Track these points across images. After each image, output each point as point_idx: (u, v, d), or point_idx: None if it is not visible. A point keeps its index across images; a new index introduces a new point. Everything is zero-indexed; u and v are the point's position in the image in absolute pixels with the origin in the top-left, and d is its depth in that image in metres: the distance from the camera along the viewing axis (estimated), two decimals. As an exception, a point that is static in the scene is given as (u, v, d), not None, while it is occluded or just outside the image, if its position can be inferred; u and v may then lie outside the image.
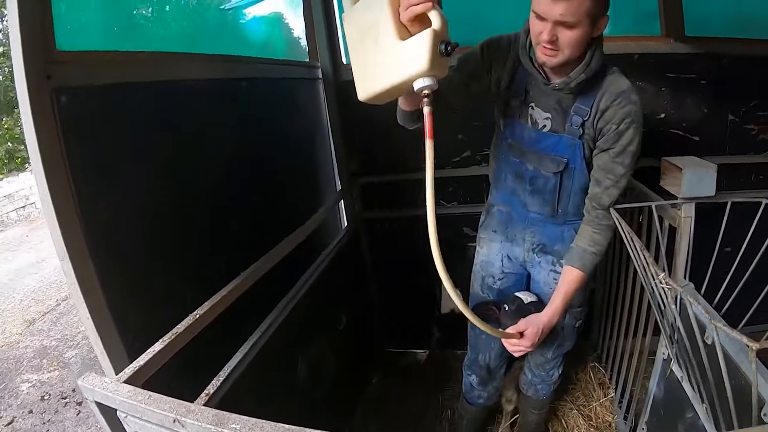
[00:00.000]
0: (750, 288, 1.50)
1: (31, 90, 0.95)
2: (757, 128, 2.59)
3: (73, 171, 1.05)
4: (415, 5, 1.04)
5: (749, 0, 2.72)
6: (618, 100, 1.43)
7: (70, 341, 4.32)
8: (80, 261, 1.05)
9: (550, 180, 1.63)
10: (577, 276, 1.58)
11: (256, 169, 1.94)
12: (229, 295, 1.47)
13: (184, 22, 3.34)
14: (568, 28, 1.27)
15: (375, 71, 1.17)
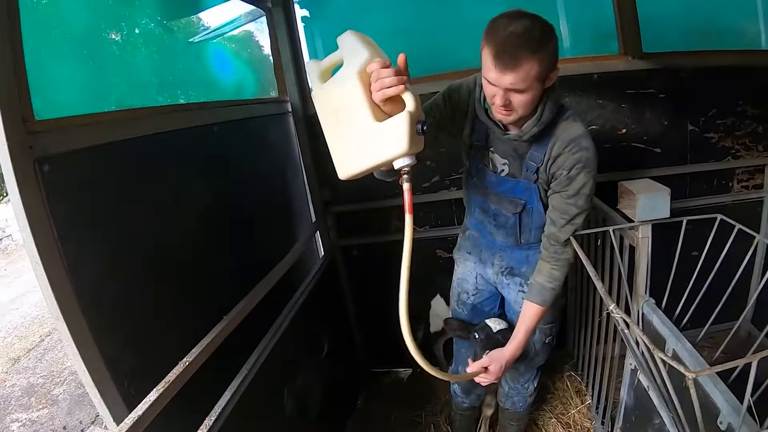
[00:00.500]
0: (713, 291, 1.68)
1: (15, 162, 1.01)
2: (717, 136, 2.73)
3: (60, 233, 1.11)
4: (388, 88, 1.13)
5: (702, 13, 2.87)
6: (569, 146, 1.52)
7: (56, 378, 4.33)
8: (73, 319, 1.11)
9: (510, 218, 1.76)
10: (538, 311, 1.69)
11: (233, 210, 2.02)
12: (215, 339, 1.55)
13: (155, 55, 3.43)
14: (519, 93, 1.36)
15: (354, 152, 1.25)
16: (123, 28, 3.89)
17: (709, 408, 1.31)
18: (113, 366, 1.21)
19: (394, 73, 1.14)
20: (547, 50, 1.31)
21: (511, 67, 1.28)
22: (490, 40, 1.31)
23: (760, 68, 2.65)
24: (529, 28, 1.27)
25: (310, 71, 1.34)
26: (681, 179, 2.79)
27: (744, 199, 2.87)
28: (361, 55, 1.19)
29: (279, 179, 2.59)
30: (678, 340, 1.55)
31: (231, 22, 3.61)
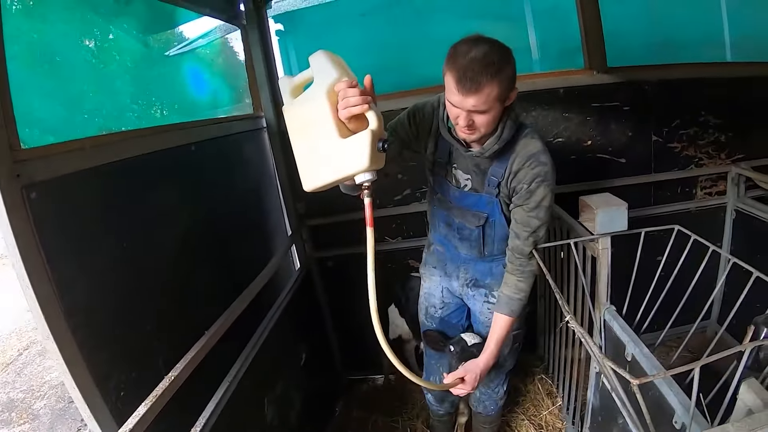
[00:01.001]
0: (678, 295, 1.80)
1: (4, 190, 1.06)
2: (680, 146, 2.88)
3: (48, 257, 1.16)
4: (353, 107, 1.23)
5: (665, 27, 3.03)
6: (529, 162, 1.63)
7: (36, 392, 4.34)
8: (63, 339, 1.17)
9: (473, 231, 1.87)
10: (508, 321, 1.80)
11: (213, 227, 2.10)
12: (199, 353, 1.64)
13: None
14: (481, 113, 1.47)
15: (319, 165, 1.33)
16: (96, 36, 3.94)
17: (666, 408, 1.43)
18: (102, 383, 1.28)
19: (360, 93, 1.24)
20: (505, 73, 1.41)
21: (473, 91, 1.39)
22: (452, 65, 1.42)
23: (721, 80, 2.81)
24: (488, 53, 1.38)
25: (282, 87, 1.41)
26: (646, 188, 2.94)
27: (707, 206, 3.03)
28: (330, 75, 1.28)
29: (255, 194, 2.67)
30: (636, 345, 1.67)
31: (207, 34, 3.70)
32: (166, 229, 1.77)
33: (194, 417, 1.61)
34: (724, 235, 3.08)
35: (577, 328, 1.49)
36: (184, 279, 1.83)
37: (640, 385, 1.14)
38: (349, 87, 1.24)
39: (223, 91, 4.89)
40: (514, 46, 2.57)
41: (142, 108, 4.71)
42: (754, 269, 1.58)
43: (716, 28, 3.18)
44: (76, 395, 1.21)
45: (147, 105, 4.78)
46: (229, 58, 4.67)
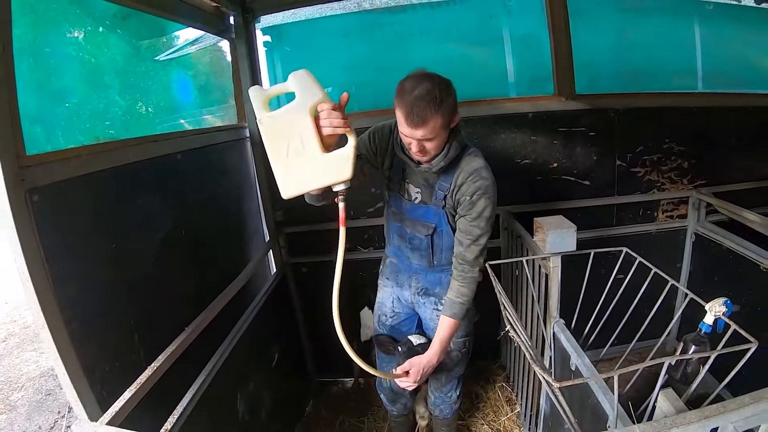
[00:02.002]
0: (617, 314, 2.04)
1: (9, 194, 1.17)
2: (643, 171, 3.11)
3: (46, 255, 1.28)
4: (337, 127, 1.45)
5: (636, 58, 3.28)
6: (471, 176, 1.87)
7: (14, 383, 4.46)
8: (57, 330, 1.29)
9: (423, 240, 2.09)
10: (450, 323, 2.00)
11: (195, 231, 2.26)
12: (179, 347, 1.82)
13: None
14: (429, 141, 1.72)
15: (300, 174, 1.52)
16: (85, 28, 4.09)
17: (601, 414, 1.64)
18: (89, 371, 1.41)
19: (342, 115, 1.47)
20: (447, 105, 1.66)
21: (421, 125, 1.64)
22: (400, 102, 1.66)
23: (685, 109, 3.06)
24: (430, 90, 1.61)
25: (253, 96, 1.53)
26: (609, 209, 3.17)
27: (668, 228, 3.26)
28: (314, 95, 1.46)
29: (236, 200, 2.84)
30: (579, 357, 1.89)
31: (197, 40, 3.93)
32: (152, 231, 1.93)
33: (173, 405, 1.78)
34: (684, 257, 3.31)
35: (516, 336, 1.72)
36: (166, 279, 1.99)
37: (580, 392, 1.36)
38: (333, 109, 1.46)
39: (208, 93, 5.10)
40: (492, 69, 2.85)
41: (128, 103, 4.89)
42: (688, 291, 1.79)
43: (690, 61, 3.42)
44: (66, 381, 1.33)
45: (132, 101, 4.97)
46: (216, 63, 4.88)
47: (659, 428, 1.13)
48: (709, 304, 1.66)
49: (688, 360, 1.71)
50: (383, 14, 3.05)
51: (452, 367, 2.35)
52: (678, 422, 1.13)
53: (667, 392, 1.43)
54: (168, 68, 4.23)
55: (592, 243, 2.22)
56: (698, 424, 1.12)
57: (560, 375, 2.12)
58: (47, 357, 4.68)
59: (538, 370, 1.43)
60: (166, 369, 1.74)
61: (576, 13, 2.83)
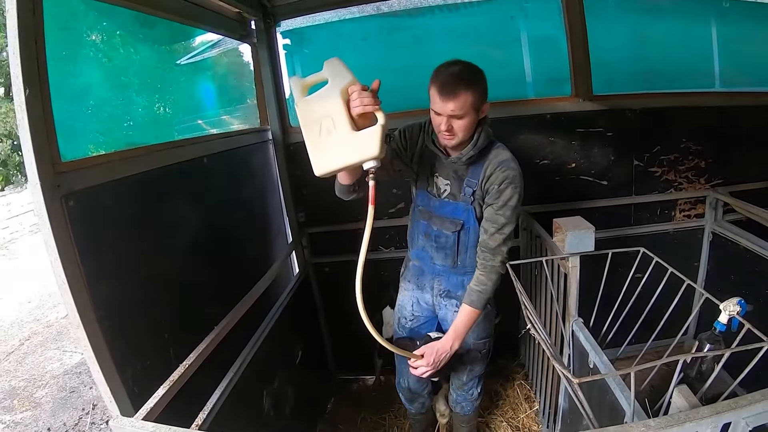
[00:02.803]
0: (633, 312, 2.10)
1: (46, 200, 1.22)
2: (661, 170, 3.17)
3: (81, 257, 1.34)
4: (367, 105, 1.52)
5: (653, 58, 3.33)
6: (500, 167, 1.97)
7: (38, 381, 4.57)
8: (92, 330, 1.35)
9: (450, 237, 2.17)
10: (467, 311, 2.07)
11: (221, 233, 2.35)
12: (209, 346, 1.90)
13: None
14: (458, 118, 1.83)
15: (332, 153, 1.60)
16: (104, 29, 4.19)
17: (619, 410, 1.71)
18: (121, 369, 1.47)
19: (373, 95, 1.55)
20: (478, 85, 1.81)
21: (452, 98, 1.78)
22: (434, 80, 1.83)
23: (702, 108, 3.11)
24: (462, 70, 1.80)
25: (293, 85, 1.67)
26: (626, 209, 3.24)
27: (686, 227, 3.32)
28: (345, 78, 1.57)
29: (260, 202, 2.93)
30: (597, 355, 1.96)
31: (216, 44, 4.03)
32: (180, 233, 2.02)
33: (203, 401, 1.88)
34: (701, 256, 3.36)
35: (537, 335, 1.78)
36: (194, 279, 2.08)
37: (598, 389, 1.42)
38: (362, 89, 1.55)
39: (225, 94, 5.21)
40: (509, 71, 2.91)
41: (146, 103, 5.02)
42: (704, 291, 1.83)
43: (706, 59, 3.47)
44: (99, 378, 1.39)
45: (151, 102, 5.09)
46: (233, 65, 4.98)
47: (673, 422, 1.18)
48: (723, 304, 1.70)
49: (703, 358, 1.78)
50: (402, 18, 3.11)
51: (472, 367, 2.44)
52: (691, 417, 1.18)
53: (681, 388, 1.46)
54: (188, 72, 4.34)
55: (610, 242, 2.29)
56: (710, 419, 1.17)
57: (579, 372, 2.18)
58: (71, 355, 4.84)
59: (558, 367, 1.51)
60: (197, 367, 1.82)
61: (592, 14, 2.88)
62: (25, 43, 1.20)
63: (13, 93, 1.24)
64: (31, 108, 1.21)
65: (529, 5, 3.12)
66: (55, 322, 5.75)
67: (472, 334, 2.29)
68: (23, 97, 1.19)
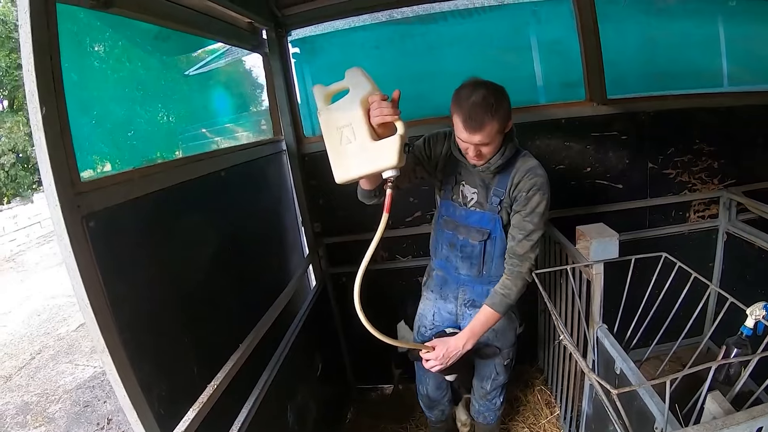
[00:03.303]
0: (667, 314, 2.07)
1: (67, 221, 1.17)
2: (674, 172, 3.16)
3: (104, 278, 1.29)
4: (386, 116, 1.54)
5: (663, 59, 3.30)
6: (528, 174, 1.96)
7: (51, 396, 4.54)
8: (116, 351, 1.29)
9: (476, 247, 2.16)
10: (487, 311, 2.05)
11: (240, 247, 2.33)
12: (235, 364, 1.89)
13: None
14: (486, 145, 1.82)
15: (352, 161, 1.64)
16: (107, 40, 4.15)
17: (648, 416, 1.69)
18: (147, 391, 1.41)
19: (392, 105, 1.57)
20: (502, 110, 1.77)
21: (478, 130, 1.75)
22: (457, 109, 1.78)
23: (714, 109, 3.09)
24: (486, 96, 1.73)
25: (316, 94, 1.70)
26: (641, 212, 3.22)
27: (700, 228, 3.30)
28: (365, 88, 1.59)
29: (276, 214, 2.91)
30: (624, 361, 1.94)
31: (223, 54, 3.98)
32: (201, 249, 1.99)
33: (231, 420, 1.87)
34: (715, 256, 3.34)
35: (570, 346, 1.76)
36: (216, 295, 2.05)
37: (625, 394, 1.41)
38: (382, 99, 1.56)
39: (231, 103, 5.16)
40: (521, 76, 2.88)
41: (149, 113, 4.97)
42: (729, 295, 1.81)
43: (714, 59, 3.43)
44: (126, 402, 1.34)
45: (154, 111, 5.04)
46: (239, 75, 4.94)
47: (711, 429, 1.21)
48: (749, 309, 1.71)
49: (730, 363, 1.76)
50: (414, 25, 3.10)
51: (496, 377, 2.42)
52: (728, 423, 1.22)
53: (714, 395, 1.47)
54: (195, 82, 4.29)
55: (626, 245, 2.27)
56: (746, 425, 1.20)
57: (604, 379, 2.13)
58: (83, 368, 4.78)
59: (594, 380, 1.50)
60: (225, 387, 1.79)
61: (603, 18, 2.87)
62: (40, 59, 1.14)
63: (28, 111, 1.17)
64: (48, 127, 1.16)
65: (541, 10, 3.08)
66: (66, 335, 5.72)
67: (499, 343, 2.30)
68: (40, 116, 1.13)
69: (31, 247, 10.77)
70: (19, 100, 10.42)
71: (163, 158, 4.99)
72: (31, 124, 1.16)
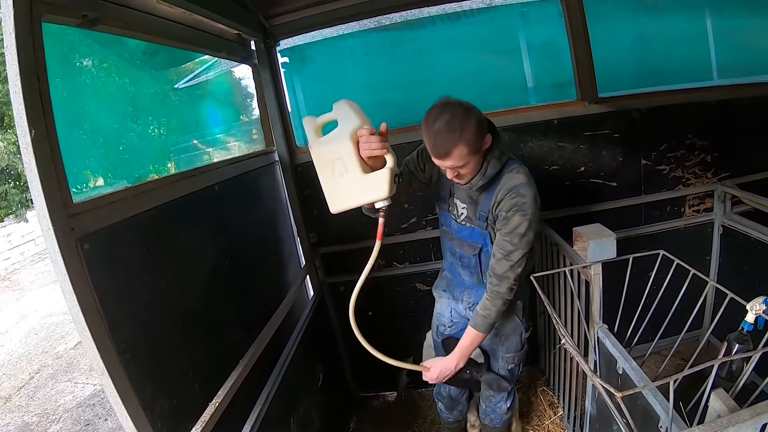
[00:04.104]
0: (664, 309, 2.12)
1: (61, 245, 1.14)
2: (668, 168, 3.16)
3: (101, 300, 1.26)
4: (375, 149, 1.60)
5: (653, 55, 3.30)
6: (510, 193, 1.91)
7: (51, 415, 4.50)
8: (116, 374, 1.27)
9: (471, 259, 2.17)
10: (472, 333, 2.08)
11: (236, 262, 2.31)
12: (237, 380, 1.88)
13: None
14: (461, 167, 1.81)
15: (345, 193, 1.73)
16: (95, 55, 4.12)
17: (653, 415, 1.68)
18: (149, 411, 1.40)
19: (380, 139, 1.62)
20: (469, 132, 1.71)
21: (445, 156, 1.74)
22: (425, 136, 1.77)
23: (705, 103, 3.10)
24: (449, 121, 1.69)
25: (306, 126, 1.79)
26: (636, 209, 3.23)
27: (696, 223, 3.31)
28: (353, 121, 1.67)
29: (272, 226, 2.89)
30: (626, 360, 1.94)
31: (212, 66, 3.96)
32: (197, 265, 1.97)
33: None
34: (712, 250, 3.35)
35: (572, 350, 1.76)
36: (213, 311, 2.03)
37: (629, 395, 1.41)
38: (370, 134, 1.62)
39: (221, 114, 5.16)
40: (511, 78, 2.88)
41: (141, 127, 4.95)
42: (728, 291, 1.83)
43: (704, 53, 3.44)
44: (128, 424, 1.32)
45: (145, 124, 5.02)
46: (226, 84, 4.93)
47: (716, 428, 1.23)
48: (750, 304, 1.72)
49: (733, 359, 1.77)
50: (403, 30, 3.09)
51: (500, 382, 2.40)
52: (733, 421, 1.23)
53: (718, 392, 1.46)
54: (186, 94, 4.27)
55: (622, 243, 2.27)
56: (751, 422, 1.22)
57: (606, 379, 2.15)
58: (83, 386, 4.74)
59: (598, 383, 1.50)
60: (227, 404, 1.79)
61: (592, 17, 2.88)
62: (27, 81, 1.13)
63: (17, 134, 1.15)
64: (38, 149, 1.13)
65: (530, 11, 3.08)
66: (65, 354, 5.68)
67: (501, 347, 2.32)
68: (29, 138, 1.11)
69: (26, 265, 10.72)
70: (9, 116, 10.31)
71: (156, 171, 4.96)
72: (20, 147, 1.14)
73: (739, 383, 1.69)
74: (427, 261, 3.25)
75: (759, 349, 1.48)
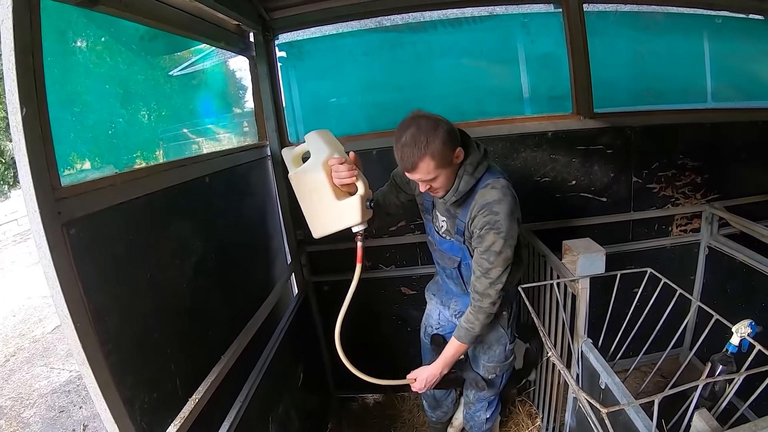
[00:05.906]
0: (649, 326, 2.12)
1: (46, 229, 1.12)
2: (658, 187, 3.18)
3: (85, 288, 1.23)
4: (344, 178, 1.69)
5: (650, 75, 3.32)
6: (483, 210, 1.88)
7: (26, 400, 4.44)
8: (97, 364, 1.24)
9: (453, 271, 2.18)
10: (455, 343, 2.11)
11: (223, 255, 2.27)
12: (218, 377, 1.85)
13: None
14: (431, 181, 1.81)
15: (323, 219, 1.89)
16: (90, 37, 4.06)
17: (633, 431, 1.67)
18: (129, 404, 1.38)
19: (348, 168, 1.72)
20: (435, 145, 1.69)
21: (412, 171, 1.76)
22: (394, 148, 1.78)
23: (698, 125, 3.12)
24: (414, 135, 1.69)
25: (285, 157, 1.97)
26: (625, 225, 3.24)
27: (682, 242, 3.33)
28: (324, 151, 1.80)
29: (260, 221, 2.86)
30: (609, 375, 1.94)
31: (209, 55, 3.92)
32: (184, 257, 1.92)
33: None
34: (697, 270, 3.37)
35: (558, 363, 1.75)
36: (198, 305, 1.99)
37: (602, 415, 1.42)
38: (339, 163, 1.73)
39: (215, 104, 5.12)
40: (508, 87, 2.88)
41: (129, 113, 4.88)
42: (713, 312, 1.84)
43: (699, 76, 3.46)
44: (107, 416, 1.29)
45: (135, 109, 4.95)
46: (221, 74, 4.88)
47: None
48: (735, 326, 1.74)
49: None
50: (404, 33, 3.07)
51: (481, 389, 2.39)
52: None
53: (701, 412, 1.46)
54: (180, 82, 4.23)
55: (609, 258, 2.27)
56: None
57: (589, 392, 2.15)
58: (59, 372, 4.67)
59: (584, 398, 1.51)
60: (207, 400, 1.77)
61: (592, 32, 2.90)
62: (21, 58, 1.10)
63: (7, 111, 1.11)
64: (28, 129, 1.11)
65: (531, 22, 3.08)
66: (42, 338, 5.61)
67: (483, 356, 2.32)
68: (20, 117, 1.08)
69: (8, 245, 10.56)
70: (-1, 91, 10.15)
71: (143, 157, 4.90)
72: (10, 126, 1.12)
73: (721, 404, 1.71)
74: (414, 265, 3.23)
75: (743, 372, 1.50)
